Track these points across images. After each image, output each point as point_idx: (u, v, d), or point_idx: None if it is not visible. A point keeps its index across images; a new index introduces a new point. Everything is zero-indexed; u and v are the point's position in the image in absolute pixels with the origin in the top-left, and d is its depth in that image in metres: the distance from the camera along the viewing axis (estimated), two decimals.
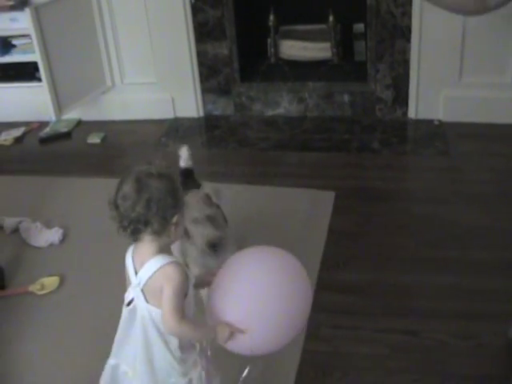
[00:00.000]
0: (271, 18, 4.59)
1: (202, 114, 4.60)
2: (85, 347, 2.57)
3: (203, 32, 4.36)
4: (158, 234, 1.69)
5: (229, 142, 4.20)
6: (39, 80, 4.65)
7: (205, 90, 4.52)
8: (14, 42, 4.83)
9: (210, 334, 1.79)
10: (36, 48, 4.32)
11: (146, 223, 1.67)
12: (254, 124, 4.38)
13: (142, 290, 1.72)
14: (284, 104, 4.41)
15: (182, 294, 1.70)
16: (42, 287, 2.96)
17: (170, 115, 4.61)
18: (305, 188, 3.48)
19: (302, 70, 4.54)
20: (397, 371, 2.33)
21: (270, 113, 4.46)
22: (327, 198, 3.37)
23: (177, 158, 2.92)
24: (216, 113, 4.58)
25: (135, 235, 1.70)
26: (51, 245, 3.28)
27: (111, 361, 1.90)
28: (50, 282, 2.98)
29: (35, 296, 2.92)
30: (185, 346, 1.79)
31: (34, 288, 2.95)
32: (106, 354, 2.47)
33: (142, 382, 1.81)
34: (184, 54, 4.42)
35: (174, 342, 1.75)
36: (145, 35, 4.47)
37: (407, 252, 2.94)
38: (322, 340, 2.47)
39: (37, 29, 4.28)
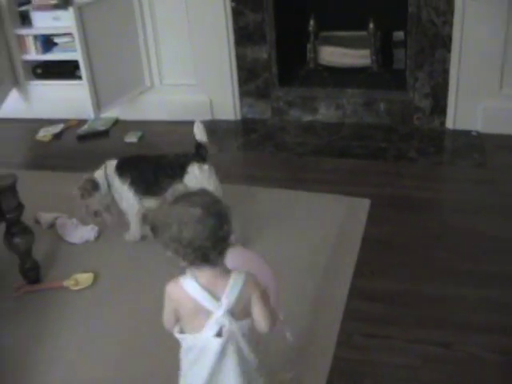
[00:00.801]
0: (311, 23, 4.61)
1: (239, 117, 4.62)
2: (116, 344, 2.59)
3: (243, 35, 4.38)
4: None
5: (265, 145, 4.20)
6: (79, 78, 4.71)
7: (243, 94, 4.54)
8: (56, 40, 4.90)
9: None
10: (78, 47, 4.37)
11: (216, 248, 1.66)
12: (291, 129, 4.38)
13: (230, 312, 1.70)
14: (322, 110, 4.41)
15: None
16: (76, 283, 2.98)
17: (207, 117, 4.62)
18: (340, 195, 3.46)
19: (340, 77, 4.54)
20: (428, 383, 2.31)
21: (307, 118, 4.46)
22: (362, 206, 3.35)
23: None
24: (253, 116, 4.59)
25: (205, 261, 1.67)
26: (86, 241, 3.31)
27: None
28: (84, 278, 3.01)
29: (69, 291, 2.95)
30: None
31: (68, 283, 2.98)
32: (137, 352, 2.51)
33: None
34: (223, 56, 4.45)
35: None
36: (185, 37, 4.50)
37: (442, 263, 2.91)
38: (354, 348, 2.46)
39: (79, 28, 4.33)
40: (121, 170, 3.14)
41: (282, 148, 4.15)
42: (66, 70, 4.95)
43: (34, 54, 4.99)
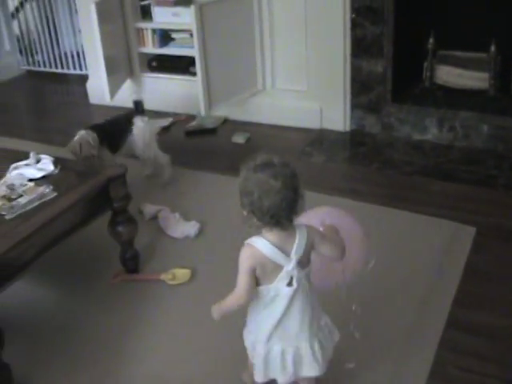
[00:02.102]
0: (431, 41, 4.51)
1: (348, 128, 4.58)
2: (210, 342, 2.62)
3: (360, 47, 4.34)
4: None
5: (373, 161, 4.14)
6: (192, 74, 4.80)
7: (354, 106, 4.50)
8: (174, 35, 5.00)
9: None
10: (195, 44, 4.44)
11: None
12: (399, 146, 4.31)
13: (299, 263, 1.96)
14: (433, 130, 4.31)
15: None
16: (174, 277, 3.02)
17: (316, 125, 4.61)
18: (444, 219, 3.38)
19: (455, 98, 4.44)
20: None
21: (417, 137, 4.37)
22: (467, 234, 3.25)
23: None
24: (363, 130, 4.55)
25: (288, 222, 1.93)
26: (187, 237, 3.35)
27: (276, 347, 2.09)
28: (182, 273, 3.04)
29: (165, 285, 2.99)
30: None
31: (165, 277, 3.02)
32: (226, 354, 2.51)
33: (311, 350, 2.09)
34: (338, 66, 4.42)
35: None
36: (301, 43, 4.50)
37: None
38: (447, 380, 2.38)
39: (198, 25, 4.39)
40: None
41: (389, 165, 4.08)
42: (181, 66, 5.05)
43: (150, 47, 5.12)
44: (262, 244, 1.94)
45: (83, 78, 5.81)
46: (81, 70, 6.29)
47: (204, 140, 4.64)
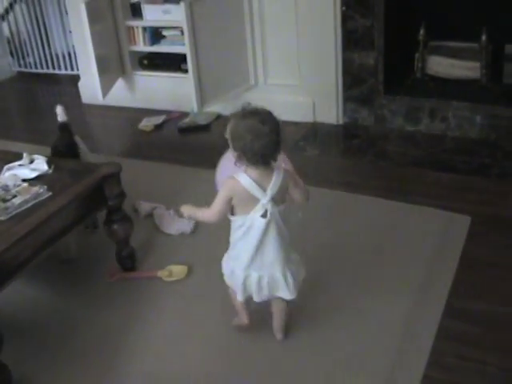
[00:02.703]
0: (422, 32, 4.51)
1: (341, 121, 4.59)
2: (207, 338, 2.62)
3: (351, 40, 4.34)
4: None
5: (366, 153, 4.15)
6: (184, 71, 4.80)
7: (347, 98, 4.50)
8: (164, 32, 5.00)
9: None
10: (186, 40, 4.44)
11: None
12: (392, 138, 4.31)
13: (273, 199, 2.26)
14: (425, 121, 4.32)
15: None
16: (170, 274, 3.02)
17: (309, 119, 4.62)
18: (439, 209, 3.38)
19: (447, 88, 4.44)
20: None
21: (410, 128, 4.38)
22: (462, 223, 3.26)
23: None
24: (356, 122, 4.55)
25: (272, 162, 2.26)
26: (182, 234, 3.35)
27: (253, 274, 2.39)
28: (179, 270, 3.04)
29: (162, 282, 2.99)
30: None
31: (162, 274, 3.02)
32: (223, 349, 2.52)
33: (283, 277, 2.40)
34: (330, 60, 4.42)
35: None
36: (292, 37, 4.50)
37: None
38: (446, 369, 2.39)
39: (189, 22, 4.39)
40: None
41: (383, 156, 4.09)
42: (172, 63, 5.04)
43: (141, 46, 5.13)
44: (243, 178, 2.24)
45: (75, 78, 5.80)
46: (72, 70, 6.28)
47: (197, 136, 4.64)
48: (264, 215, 2.27)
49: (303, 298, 2.60)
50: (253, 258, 2.36)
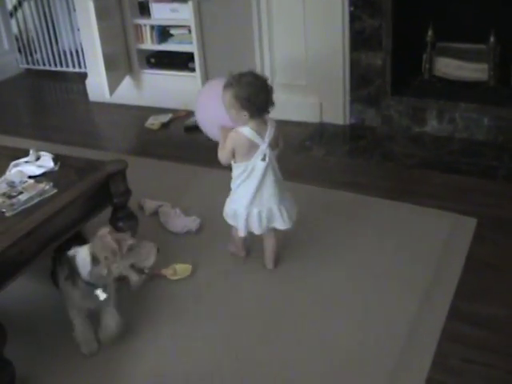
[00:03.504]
0: (430, 33, 4.49)
1: (347, 122, 4.58)
2: (210, 337, 2.62)
3: (359, 40, 4.33)
4: None
5: (373, 154, 4.14)
6: (191, 70, 4.80)
7: (354, 99, 4.49)
8: (172, 31, 4.99)
9: None
10: (194, 39, 4.45)
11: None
12: (399, 139, 4.30)
13: (270, 144, 2.70)
14: (432, 122, 4.30)
15: None
16: (175, 273, 3.02)
17: (316, 119, 4.61)
18: (445, 211, 3.37)
19: (454, 90, 4.42)
20: None
21: (417, 129, 4.37)
22: (468, 225, 3.25)
23: None
24: (362, 123, 4.54)
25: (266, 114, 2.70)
26: (187, 232, 3.34)
27: (254, 210, 2.82)
28: (183, 268, 3.04)
29: (167, 280, 2.99)
30: None
31: (166, 272, 3.02)
32: (229, 347, 2.52)
33: (279, 211, 2.85)
34: (337, 60, 4.41)
35: None
36: (299, 37, 4.49)
37: None
38: (450, 371, 2.38)
39: (197, 21, 4.40)
40: None
41: (389, 157, 4.08)
42: (179, 62, 5.04)
43: (149, 44, 5.11)
44: (246, 130, 2.66)
45: (82, 76, 5.81)
46: (80, 67, 6.29)
47: (203, 135, 4.59)
48: (263, 159, 2.71)
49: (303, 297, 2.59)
50: (254, 197, 2.78)
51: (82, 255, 2.39)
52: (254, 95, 2.58)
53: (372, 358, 2.45)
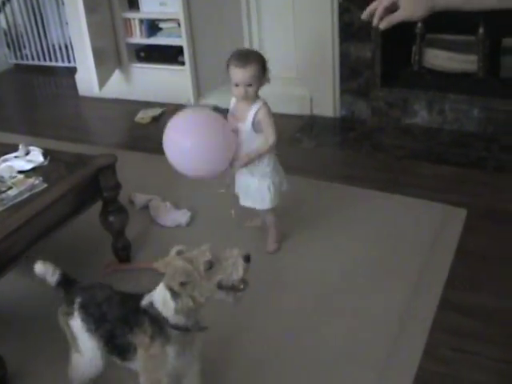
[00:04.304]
0: (419, 25, 4.49)
1: (338, 114, 4.59)
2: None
3: (348, 32, 4.33)
4: None
5: (363, 145, 4.16)
6: (180, 64, 4.79)
7: (343, 91, 4.50)
8: (161, 25, 4.98)
9: None
10: (183, 33, 4.44)
11: None
12: (389, 130, 4.32)
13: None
14: (422, 113, 4.32)
15: None
16: (166, 266, 3.01)
17: (306, 112, 4.62)
18: (435, 202, 3.38)
19: (444, 81, 4.43)
20: None
21: (406, 121, 4.38)
22: (458, 216, 3.26)
23: None
24: (352, 115, 4.55)
25: None
26: (178, 226, 3.35)
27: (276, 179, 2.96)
28: None
29: (158, 274, 2.98)
30: None
31: (157, 265, 3.01)
32: (224, 340, 2.52)
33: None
34: (327, 52, 4.41)
35: None
36: (289, 30, 4.50)
37: None
38: (440, 361, 2.39)
39: (186, 14, 4.39)
40: None
41: (380, 149, 4.09)
42: (169, 55, 5.03)
43: (138, 38, 5.11)
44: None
45: (71, 71, 5.79)
46: (69, 62, 6.27)
47: None
48: None
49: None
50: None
51: (159, 295, 2.06)
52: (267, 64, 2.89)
53: (363, 348, 2.46)
